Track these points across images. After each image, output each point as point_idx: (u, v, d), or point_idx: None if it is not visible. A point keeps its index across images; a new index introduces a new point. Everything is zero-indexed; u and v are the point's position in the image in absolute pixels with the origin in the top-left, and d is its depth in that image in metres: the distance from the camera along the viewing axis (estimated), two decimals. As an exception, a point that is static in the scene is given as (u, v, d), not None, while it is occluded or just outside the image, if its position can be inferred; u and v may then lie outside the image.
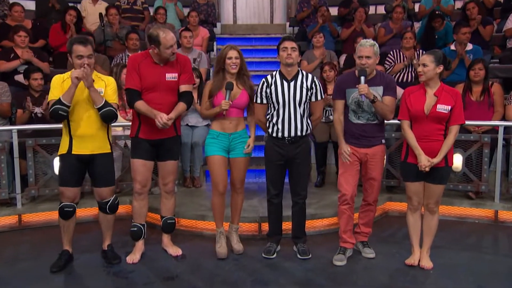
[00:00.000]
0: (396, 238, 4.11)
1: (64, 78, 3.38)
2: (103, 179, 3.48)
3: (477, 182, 4.57)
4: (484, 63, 4.88)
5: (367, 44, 3.42)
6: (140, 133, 3.50)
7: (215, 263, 3.58)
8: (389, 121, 3.98)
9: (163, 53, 3.40)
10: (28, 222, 4.50)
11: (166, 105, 3.46)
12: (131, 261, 3.58)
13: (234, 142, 3.61)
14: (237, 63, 3.52)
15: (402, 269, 3.45)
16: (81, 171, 3.45)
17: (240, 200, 3.75)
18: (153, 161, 3.63)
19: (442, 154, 3.27)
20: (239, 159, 3.64)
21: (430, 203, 3.43)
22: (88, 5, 7.26)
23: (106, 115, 3.36)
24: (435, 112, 3.26)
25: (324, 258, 3.65)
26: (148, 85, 3.43)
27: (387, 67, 5.93)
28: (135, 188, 3.60)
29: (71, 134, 3.37)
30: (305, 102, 3.54)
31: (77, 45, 3.28)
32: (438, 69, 3.28)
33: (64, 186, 3.42)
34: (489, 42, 6.54)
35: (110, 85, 3.46)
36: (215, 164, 3.59)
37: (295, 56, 3.49)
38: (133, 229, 3.66)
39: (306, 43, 7.27)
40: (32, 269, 3.50)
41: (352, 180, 3.53)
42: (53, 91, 3.34)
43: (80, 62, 3.27)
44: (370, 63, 3.40)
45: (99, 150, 3.42)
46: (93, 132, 3.38)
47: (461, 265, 3.53)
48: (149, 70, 3.44)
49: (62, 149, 3.42)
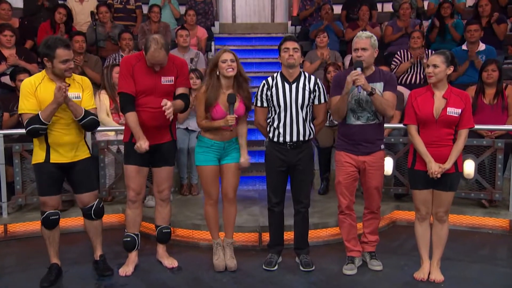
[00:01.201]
0: (404, 249, 4.10)
1: (35, 84, 3.27)
2: (84, 184, 3.47)
3: (490, 189, 4.57)
4: (497, 64, 4.89)
5: (363, 35, 3.42)
6: (135, 138, 3.51)
7: (212, 276, 3.58)
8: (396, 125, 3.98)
9: (149, 61, 3.42)
10: (15, 232, 4.50)
11: (161, 110, 3.47)
12: (124, 274, 3.58)
13: (228, 149, 3.60)
14: (233, 66, 3.45)
15: (410, 283, 3.45)
16: (61, 178, 3.45)
17: (233, 211, 3.71)
18: (148, 167, 3.64)
19: (453, 160, 3.28)
20: (231, 165, 3.61)
21: (439, 212, 3.43)
22: (75, 4, 7.13)
23: (89, 125, 3.36)
24: (446, 115, 3.26)
25: (328, 270, 3.65)
26: (143, 89, 3.44)
27: (394, 67, 5.95)
28: (129, 196, 3.61)
29: (48, 143, 3.33)
30: (307, 105, 3.55)
31: (62, 49, 3.21)
32: (449, 70, 3.30)
33: (46, 195, 3.40)
34: (502, 42, 6.56)
35: (86, 89, 3.42)
36: (207, 175, 3.59)
37: (297, 57, 3.51)
38: (126, 239, 3.66)
39: (309, 43, 7.31)
40: (19, 283, 3.50)
41: (347, 190, 3.56)
42: (26, 101, 3.24)
43: (65, 67, 3.25)
44: (367, 55, 3.39)
45: (78, 158, 3.42)
46: (72, 140, 3.37)
47: (473, 278, 3.53)
48: (143, 74, 3.44)
49: (37, 158, 3.36)
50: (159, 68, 3.44)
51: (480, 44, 5.86)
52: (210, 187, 3.61)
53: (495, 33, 6.42)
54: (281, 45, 3.53)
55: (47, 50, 3.22)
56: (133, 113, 3.42)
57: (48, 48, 3.22)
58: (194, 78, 5.18)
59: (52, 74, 3.30)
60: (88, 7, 6.97)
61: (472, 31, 5.78)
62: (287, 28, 9.02)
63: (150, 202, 4.69)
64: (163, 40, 3.37)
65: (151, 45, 3.34)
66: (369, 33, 3.48)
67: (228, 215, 3.71)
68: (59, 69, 3.25)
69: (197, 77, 5.16)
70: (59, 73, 3.28)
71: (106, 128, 4.88)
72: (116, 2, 7.46)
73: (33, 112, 3.23)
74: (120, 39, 6.08)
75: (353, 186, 3.59)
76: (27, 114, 3.25)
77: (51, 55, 3.22)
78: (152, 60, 3.38)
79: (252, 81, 3.81)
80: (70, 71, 3.32)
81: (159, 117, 3.43)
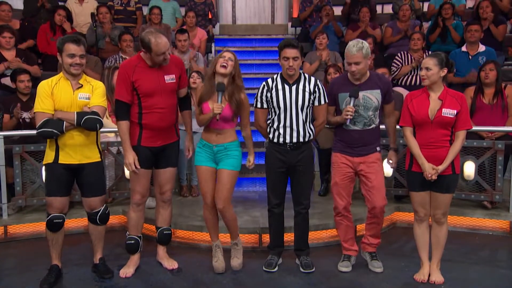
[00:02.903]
0: (405, 251, 4.11)
1: (52, 85, 3.33)
2: (93, 188, 3.47)
3: (491, 191, 4.58)
4: (495, 64, 4.91)
5: (354, 50, 3.39)
6: (142, 141, 3.47)
7: (212, 277, 3.59)
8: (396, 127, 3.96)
9: (154, 58, 3.40)
10: (15, 234, 4.50)
11: (168, 109, 3.49)
12: (124, 275, 3.58)
13: (219, 154, 3.56)
14: (228, 63, 3.44)
15: (410, 284, 3.45)
16: (69, 180, 3.45)
17: (228, 218, 3.62)
18: (151, 169, 3.63)
19: (448, 161, 3.28)
20: (221, 171, 3.55)
21: (437, 214, 3.43)
22: (74, 5, 7.15)
23: (89, 126, 3.32)
24: (441, 116, 3.27)
25: (329, 271, 3.66)
26: (148, 90, 3.41)
27: (394, 70, 5.95)
28: (134, 199, 3.58)
29: (58, 143, 3.36)
30: (307, 106, 3.56)
31: (70, 43, 3.29)
32: (442, 72, 3.30)
33: (52, 196, 3.40)
34: (502, 43, 6.57)
35: (97, 89, 3.44)
36: (201, 175, 3.60)
37: (297, 66, 3.50)
38: (129, 242, 3.64)
39: (309, 44, 7.32)
40: (19, 284, 3.49)
41: (343, 191, 3.57)
42: (41, 102, 3.29)
43: (72, 61, 3.29)
44: (360, 68, 3.43)
45: (87, 160, 3.42)
46: (81, 142, 3.38)
47: (474, 280, 3.53)
48: (146, 74, 3.42)
49: (47, 158, 3.40)
50: (164, 59, 3.39)
51: (479, 45, 5.87)
52: (204, 189, 3.60)
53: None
54: (281, 51, 3.50)
55: (59, 45, 3.33)
56: (126, 122, 3.41)
57: (60, 43, 3.33)
58: (195, 77, 5.19)
59: (65, 70, 3.36)
60: (88, 8, 6.98)
61: (472, 31, 5.78)
62: (287, 29, 9.04)
63: (150, 203, 4.67)
64: (155, 28, 3.41)
65: (149, 39, 3.32)
66: (359, 43, 3.42)
67: (225, 222, 3.67)
68: (65, 63, 3.31)
69: (198, 77, 5.17)
70: (66, 68, 3.32)
71: (106, 129, 4.87)
72: (117, 3, 7.47)
73: (48, 112, 3.28)
74: (120, 41, 6.08)
75: (350, 187, 3.60)
76: (42, 113, 3.29)
77: (60, 49, 3.31)
78: (159, 52, 3.34)
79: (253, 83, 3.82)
80: (77, 67, 3.33)
81: (167, 117, 3.46)
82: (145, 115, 3.43)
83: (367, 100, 3.48)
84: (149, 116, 3.43)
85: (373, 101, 3.48)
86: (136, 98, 3.42)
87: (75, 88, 3.36)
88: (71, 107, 3.32)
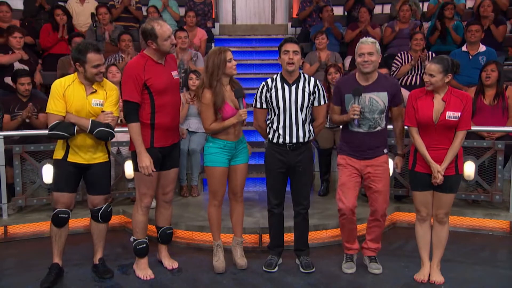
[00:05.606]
0: (405, 251, 4.11)
1: (65, 86, 3.33)
2: (97, 186, 3.50)
3: (491, 191, 4.58)
4: (497, 64, 4.90)
5: (368, 41, 3.43)
6: (155, 142, 3.43)
7: (212, 278, 3.59)
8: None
9: (161, 46, 3.35)
10: (15, 234, 4.50)
11: (178, 106, 3.51)
12: (147, 278, 3.54)
13: (238, 149, 3.63)
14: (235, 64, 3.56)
15: (411, 284, 3.46)
16: (77, 177, 3.49)
17: (241, 210, 3.76)
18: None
19: (448, 161, 3.28)
20: (241, 166, 3.66)
21: (439, 214, 3.43)
22: (75, 5, 7.17)
23: (100, 137, 3.35)
24: (444, 120, 3.26)
25: (329, 271, 3.66)
26: (161, 87, 3.36)
27: (394, 70, 5.95)
28: (144, 203, 3.53)
29: (68, 142, 3.39)
30: (307, 107, 3.56)
31: (93, 53, 3.27)
32: (447, 78, 3.28)
33: (59, 191, 3.43)
34: (502, 43, 6.57)
35: (110, 97, 3.43)
36: (217, 176, 3.59)
37: (297, 60, 3.51)
38: (141, 246, 3.58)
39: (309, 44, 7.32)
40: (19, 284, 3.50)
41: (350, 194, 3.52)
42: (53, 103, 3.31)
43: (97, 71, 3.30)
44: (373, 59, 3.40)
45: (95, 160, 3.45)
46: (92, 144, 3.40)
47: (474, 280, 3.53)
48: (157, 72, 3.38)
49: (57, 154, 3.44)
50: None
51: (480, 45, 5.86)
52: (218, 188, 3.62)
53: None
54: (281, 46, 3.53)
55: (78, 55, 3.28)
56: (137, 124, 3.34)
57: (80, 53, 3.28)
58: (194, 78, 5.18)
59: (84, 78, 3.35)
60: (89, 9, 6.99)
61: (473, 31, 5.78)
62: (287, 29, 9.04)
63: None
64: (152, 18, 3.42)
65: (152, 25, 3.32)
66: (372, 38, 3.49)
67: (238, 214, 3.75)
68: (90, 73, 3.30)
69: (197, 77, 5.16)
70: (91, 77, 3.33)
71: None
72: (117, 3, 7.47)
73: (59, 114, 3.30)
74: (120, 41, 6.08)
75: (356, 189, 3.55)
76: (54, 115, 3.31)
77: (82, 60, 3.28)
78: (165, 35, 3.31)
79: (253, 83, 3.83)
80: (101, 75, 3.35)
81: (177, 115, 3.51)
82: (158, 114, 3.39)
83: (373, 102, 3.44)
84: (162, 115, 3.40)
85: (379, 104, 3.44)
86: (147, 97, 3.36)
87: (88, 92, 3.36)
88: (82, 111, 3.33)
